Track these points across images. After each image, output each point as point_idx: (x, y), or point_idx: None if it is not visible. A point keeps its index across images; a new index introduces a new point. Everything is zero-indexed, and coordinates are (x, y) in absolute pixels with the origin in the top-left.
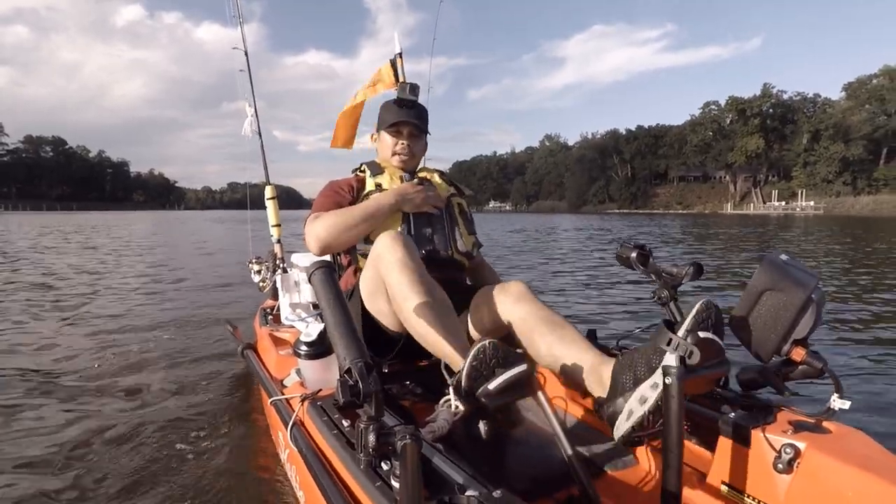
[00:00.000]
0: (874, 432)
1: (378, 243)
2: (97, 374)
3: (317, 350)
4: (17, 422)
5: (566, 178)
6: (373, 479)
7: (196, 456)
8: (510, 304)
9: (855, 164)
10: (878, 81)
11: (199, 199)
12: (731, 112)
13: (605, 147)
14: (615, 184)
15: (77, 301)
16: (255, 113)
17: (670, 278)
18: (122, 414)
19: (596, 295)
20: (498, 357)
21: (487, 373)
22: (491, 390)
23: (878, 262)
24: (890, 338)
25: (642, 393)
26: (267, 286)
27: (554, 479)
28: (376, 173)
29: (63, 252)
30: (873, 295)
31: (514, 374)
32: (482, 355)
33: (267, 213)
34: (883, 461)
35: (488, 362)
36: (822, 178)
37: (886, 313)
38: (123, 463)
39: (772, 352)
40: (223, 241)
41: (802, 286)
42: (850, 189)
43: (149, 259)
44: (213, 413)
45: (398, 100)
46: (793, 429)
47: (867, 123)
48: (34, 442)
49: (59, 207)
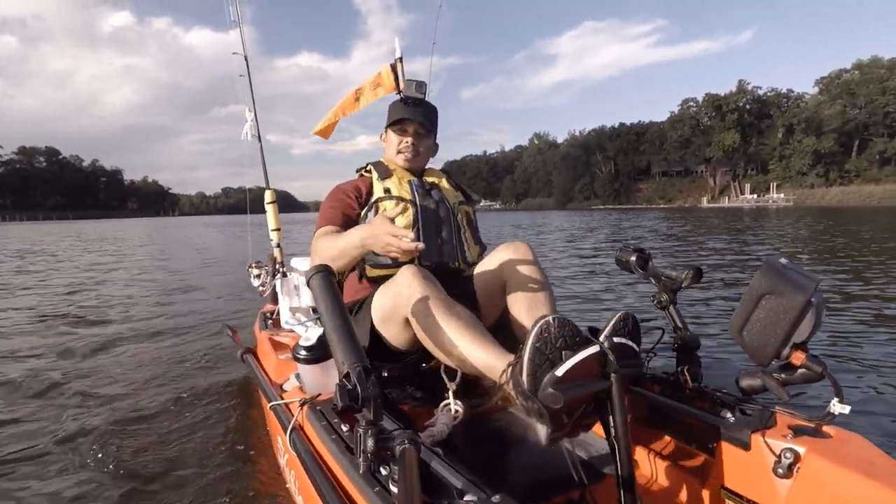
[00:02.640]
0: (874, 437)
1: (399, 280)
2: (95, 377)
3: (316, 354)
4: (18, 425)
5: (554, 176)
6: (371, 483)
7: (195, 459)
8: (509, 257)
9: (827, 157)
10: (850, 76)
11: (194, 205)
12: (709, 108)
13: (590, 144)
14: (599, 180)
15: (83, 301)
16: (254, 117)
17: (670, 282)
18: (119, 417)
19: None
20: (565, 336)
21: (554, 356)
22: (559, 376)
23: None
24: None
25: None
26: (267, 290)
27: (553, 483)
28: (384, 176)
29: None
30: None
31: (588, 354)
32: (546, 334)
33: (266, 217)
34: (883, 466)
35: (554, 343)
36: (796, 170)
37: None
38: (122, 466)
39: (771, 356)
40: (217, 249)
41: (802, 290)
42: (824, 181)
43: (148, 265)
44: (213, 417)
45: (404, 97)
46: (793, 433)
47: (839, 117)
48: (33, 442)
49: (54, 217)
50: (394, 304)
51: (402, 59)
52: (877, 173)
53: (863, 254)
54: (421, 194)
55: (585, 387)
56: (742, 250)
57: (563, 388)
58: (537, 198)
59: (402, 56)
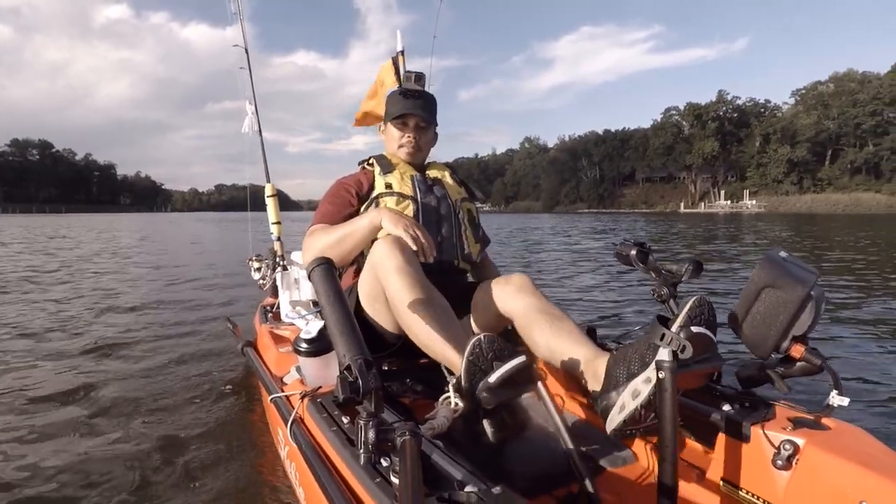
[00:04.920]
0: (873, 428)
1: (376, 249)
2: (91, 371)
3: (317, 347)
4: (20, 420)
5: (542, 180)
6: (372, 475)
7: (195, 453)
8: (511, 296)
9: (801, 166)
10: (825, 88)
11: (186, 201)
12: (689, 117)
13: (576, 150)
14: (585, 185)
15: (79, 299)
16: (255, 111)
17: (670, 276)
18: (119, 410)
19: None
20: (494, 350)
21: (486, 367)
22: (491, 384)
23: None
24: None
25: (635, 387)
26: (267, 284)
27: (553, 476)
28: (386, 171)
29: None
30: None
31: (512, 366)
32: (478, 350)
33: (267, 211)
34: (881, 458)
35: (485, 356)
36: (772, 178)
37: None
38: (122, 458)
39: (771, 348)
40: (217, 244)
41: (802, 283)
42: (798, 188)
43: (148, 259)
44: (213, 410)
45: (403, 90)
46: (792, 425)
47: (813, 127)
48: (32, 437)
49: (48, 210)
50: (375, 276)
51: (404, 53)
52: (847, 181)
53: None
54: (422, 190)
55: (515, 391)
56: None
57: (495, 392)
58: (525, 201)
59: (403, 49)
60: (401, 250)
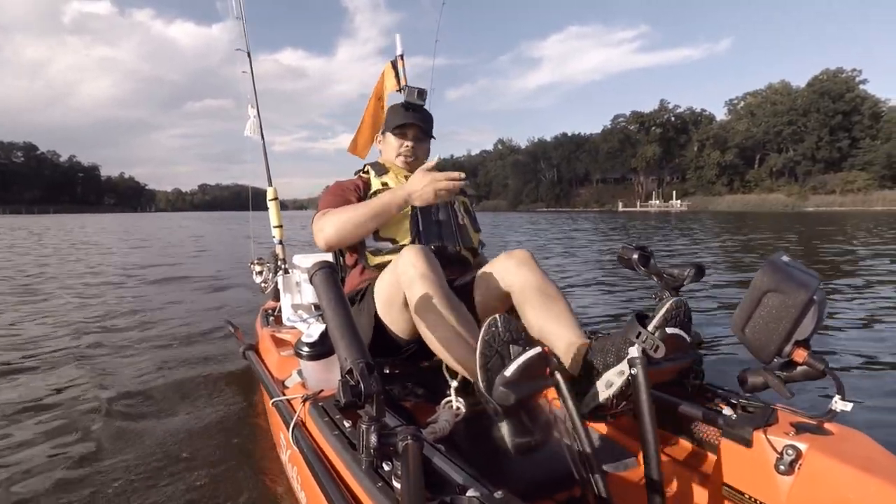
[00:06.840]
0: (876, 434)
1: (402, 258)
2: (92, 373)
3: (318, 351)
4: (14, 425)
5: (510, 180)
6: (374, 479)
7: (196, 456)
8: (511, 270)
9: (730, 169)
10: (753, 99)
11: (170, 201)
12: (634, 124)
13: (536, 153)
14: (544, 185)
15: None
16: (257, 114)
17: (671, 280)
18: (120, 413)
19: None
20: (511, 331)
21: (501, 349)
22: (508, 377)
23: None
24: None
25: (609, 378)
26: (268, 287)
27: (555, 480)
28: (381, 173)
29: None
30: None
31: (530, 357)
32: (493, 328)
33: (269, 214)
34: (884, 463)
35: (501, 337)
36: (707, 180)
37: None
38: (123, 462)
39: (773, 353)
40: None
41: (804, 287)
42: (728, 189)
43: (147, 261)
44: (214, 414)
45: (405, 103)
46: (794, 430)
47: (741, 134)
48: (32, 442)
49: (36, 211)
50: (397, 284)
51: (403, 57)
52: (771, 184)
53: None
54: None
55: (534, 386)
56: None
57: (513, 387)
58: (495, 200)
59: (402, 53)
60: (425, 259)
